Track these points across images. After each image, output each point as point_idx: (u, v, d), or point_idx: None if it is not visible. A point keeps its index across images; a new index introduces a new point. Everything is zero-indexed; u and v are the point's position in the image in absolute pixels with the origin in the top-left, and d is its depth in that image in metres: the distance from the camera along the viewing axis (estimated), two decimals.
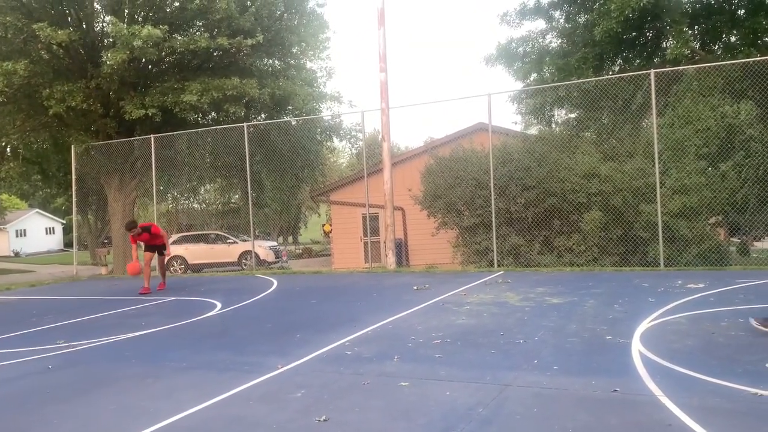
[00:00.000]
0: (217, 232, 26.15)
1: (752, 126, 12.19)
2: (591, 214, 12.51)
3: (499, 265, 12.85)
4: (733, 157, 12.22)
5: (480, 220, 13.54)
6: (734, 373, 4.38)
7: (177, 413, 4.16)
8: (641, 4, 13.34)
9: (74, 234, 33.53)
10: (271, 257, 23.73)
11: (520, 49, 17.50)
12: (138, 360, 5.95)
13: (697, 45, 15.30)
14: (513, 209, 13.23)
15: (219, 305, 9.44)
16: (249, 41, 17.13)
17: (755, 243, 21.27)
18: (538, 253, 13.01)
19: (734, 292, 7.96)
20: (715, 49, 15.73)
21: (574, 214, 12.82)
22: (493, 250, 13.04)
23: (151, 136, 16.81)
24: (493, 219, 13.00)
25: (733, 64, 12.56)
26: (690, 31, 15.11)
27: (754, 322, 5.74)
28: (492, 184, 13.04)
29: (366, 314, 7.71)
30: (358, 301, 9.31)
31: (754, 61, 12.08)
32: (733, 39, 15.35)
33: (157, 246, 12.05)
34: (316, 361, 5.48)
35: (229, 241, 24.23)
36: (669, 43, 15.39)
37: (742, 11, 15.13)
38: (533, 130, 17.88)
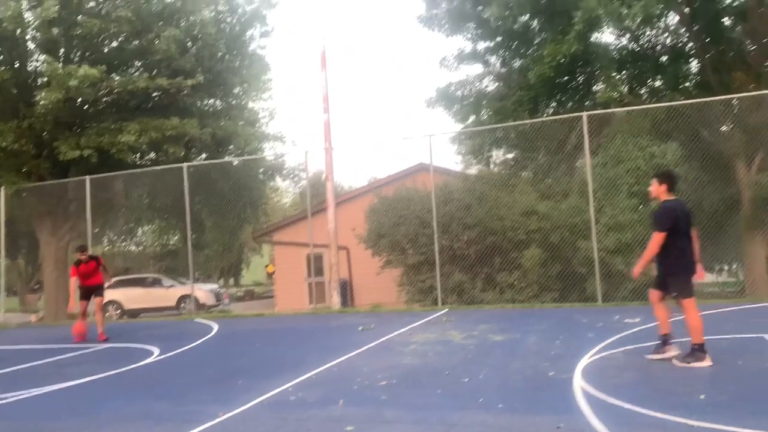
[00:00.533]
0: (154, 275, 25.35)
1: (678, 165, 12.84)
2: (530, 251, 12.79)
3: (443, 303, 12.91)
4: None
5: (424, 258, 13.64)
6: (671, 406, 4.50)
7: None
8: (572, 51, 13.96)
9: (2, 279, 31.84)
10: (211, 300, 23.14)
11: (459, 92, 17.99)
12: (70, 413, 5.64)
13: (625, 89, 16.09)
14: (456, 247, 13.40)
15: (156, 352, 9.09)
16: (189, 82, 17.02)
17: None
18: (480, 291, 13.16)
19: None
20: (642, 93, 16.58)
21: (514, 251, 13.07)
22: (437, 288, 13.12)
23: (87, 177, 16.27)
24: (437, 257, 13.11)
25: (659, 107, 13.25)
26: (618, 76, 15.90)
27: (675, 361, 5.95)
28: (435, 223, 13.19)
29: (310, 357, 7.57)
30: (302, 343, 9.15)
31: (678, 105, 12.80)
32: (657, 84, 16.23)
33: (93, 288, 11.38)
34: (258, 407, 5.32)
35: (166, 284, 23.52)
36: (599, 87, 16.16)
37: (665, 58, 16.06)
38: (473, 170, 18.28)
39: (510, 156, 18.20)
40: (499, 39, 17.27)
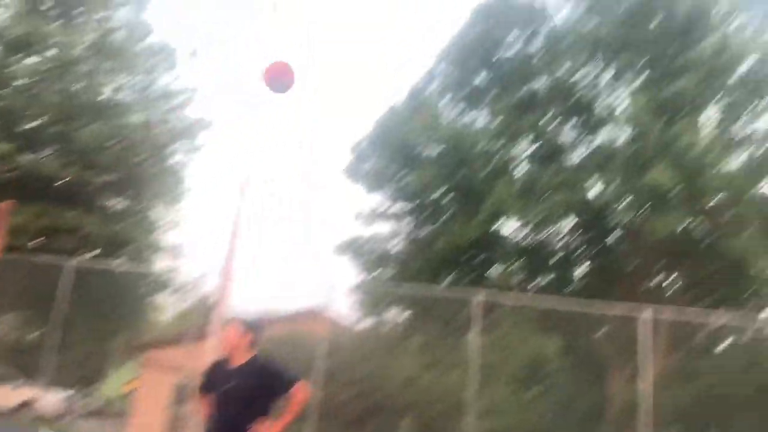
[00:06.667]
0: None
1: (558, 358, 13.96)
2: (405, 421, 13.07)
3: None
4: (541, 385, 13.73)
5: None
6: None
7: None
8: (476, 236, 15.43)
9: None
10: (61, 410, 21.48)
11: (367, 246, 19.08)
12: None
13: (517, 279, 17.60)
14: (333, 403, 13.52)
15: None
16: (101, 178, 17.21)
17: None
18: None
19: None
20: (537, 282, 18.11)
21: (393, 415, 13.29)
22: None
23: None
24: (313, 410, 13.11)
25: (544, 304, 14.52)
26: (512, 266, 17.49)
27: None
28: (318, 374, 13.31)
29: None
30: None
31: (560, 309, 14.03)
32: (545, 282, 17.87)
33: None
34: None
35: (12, 383, 21.71)
36: (496, 270, 17.64)
37: (555, 259, 17.84)
38: (366, 323, 18.79)
39: (405, 315, 18.95)
40: (415, 203, 18.77)
